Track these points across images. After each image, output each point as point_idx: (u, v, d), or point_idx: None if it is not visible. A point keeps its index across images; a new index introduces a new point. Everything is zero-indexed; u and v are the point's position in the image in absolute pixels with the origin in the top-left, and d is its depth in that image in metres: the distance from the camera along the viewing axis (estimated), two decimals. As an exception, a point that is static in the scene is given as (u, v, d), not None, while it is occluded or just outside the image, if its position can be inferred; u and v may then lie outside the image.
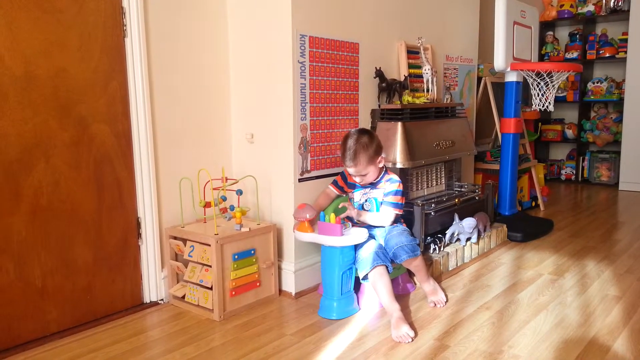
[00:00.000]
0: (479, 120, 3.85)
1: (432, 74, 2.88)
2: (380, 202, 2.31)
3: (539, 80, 3.35)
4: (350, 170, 2.25)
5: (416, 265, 2.26)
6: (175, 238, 2.30)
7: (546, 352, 1.84)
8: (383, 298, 2.09)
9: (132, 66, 2.17)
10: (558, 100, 5.10)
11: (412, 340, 1.92)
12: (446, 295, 2.34)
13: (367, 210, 2.32)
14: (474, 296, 2.36)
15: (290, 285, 2.40)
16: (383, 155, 2.29)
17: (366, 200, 2.33)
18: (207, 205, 2.26)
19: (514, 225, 3.32)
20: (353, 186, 2.37)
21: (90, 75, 2.06)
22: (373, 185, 2.32)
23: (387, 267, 2.12)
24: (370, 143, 2.21)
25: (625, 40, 4.99)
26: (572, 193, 5.01)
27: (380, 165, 2.28)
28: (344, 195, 2.43)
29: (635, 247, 3.10)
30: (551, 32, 5.68)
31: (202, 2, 2.40)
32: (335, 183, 2.40)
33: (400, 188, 2.30)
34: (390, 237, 2.23)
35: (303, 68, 2.32)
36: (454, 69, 3.42)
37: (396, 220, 2.31)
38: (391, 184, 2.30)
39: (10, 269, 1.88)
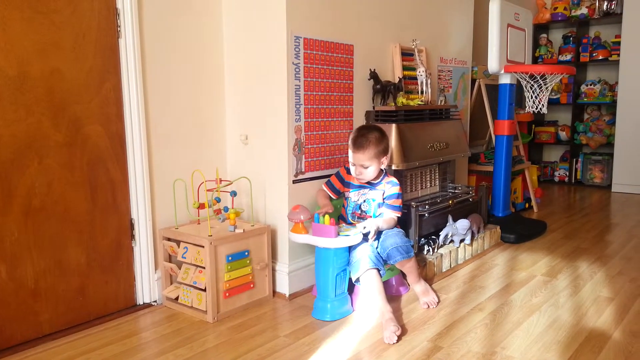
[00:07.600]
0: (473, 122, 3.87)
1: (426, 76, 2.89)
2: (378, 204, 2.31)
3: (532, 82, 3.37)
4: (355, 157, 2.22)
5: (409, 266, 2.27)
6: (168, 239, 2.29)
7: (539, 353, 1.85)
8: (375, 301, 2.09)
9: (126, 67, 2.16)
10: (551, 103, 5.13)
11: (397, 337, 1.91)
12: (438, 296, 2.34)
13: (365, 211, 2.32)
14: (467, 297, 2.37)
15: (284, 286, 2.40)
16: (387, 157, 2.29)
17: (364, 201, 2.33)
18: (201, 206, 2.26)
19: (508, 226, 3.34)
20: (349, 185, 2.37)
21: (84, 76, 2.05)
22: (372, 185, 2.32)
23: (379, 271, 2.12)
24: (381, 139, 2.25)
25: (618, 43, 5.03)
26: (565, 195, 5.03)
27: (382, 166, 2.29)
28: (337, 197, 2.42)
29: (628, 248, 3.12)
30: (545, 35, 5.71)
31: (196, 3, 2.40)
32: (329, 184, 2.39)
33: (400, 191, 2.31)
34: (385, 238, 2.22)
35: (297, 70, 2.32)
36: (448, 71, 3.43)
37: (392, 222, 2.31)
38: (392, 186, 2.30)
39: (2, 270, 1.87)
